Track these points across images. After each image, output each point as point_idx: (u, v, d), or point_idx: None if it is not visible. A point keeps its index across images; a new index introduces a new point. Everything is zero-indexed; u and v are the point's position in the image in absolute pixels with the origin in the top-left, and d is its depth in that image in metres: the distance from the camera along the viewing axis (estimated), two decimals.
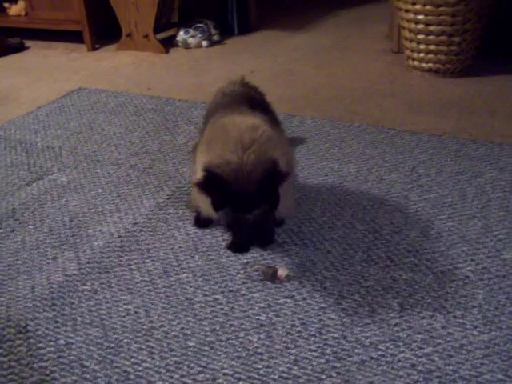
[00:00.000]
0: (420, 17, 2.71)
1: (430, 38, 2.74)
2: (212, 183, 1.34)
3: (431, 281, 1.46)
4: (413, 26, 2.77)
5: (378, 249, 1.60)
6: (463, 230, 1.65)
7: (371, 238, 1.64)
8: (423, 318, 1.35)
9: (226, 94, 1.67)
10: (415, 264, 1.53)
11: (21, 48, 3.82)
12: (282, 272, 1.50)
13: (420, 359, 1.24)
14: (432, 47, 2.76)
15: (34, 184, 2.05)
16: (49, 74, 3.33)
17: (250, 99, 1.62)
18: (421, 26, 2.73)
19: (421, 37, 2.77)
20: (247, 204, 1.37)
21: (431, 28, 2.71)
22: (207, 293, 1.47)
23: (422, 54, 2.81)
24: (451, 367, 1.21)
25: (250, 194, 1.34)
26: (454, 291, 1.42)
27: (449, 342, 1.28)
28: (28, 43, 3.90)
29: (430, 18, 2.68)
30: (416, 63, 2.87)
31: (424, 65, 2.84)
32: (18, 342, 1.36)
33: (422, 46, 2.79)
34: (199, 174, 1.38)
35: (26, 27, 3.90)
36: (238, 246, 1.62)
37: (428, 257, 1.55)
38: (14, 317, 1.43)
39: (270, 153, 1.37)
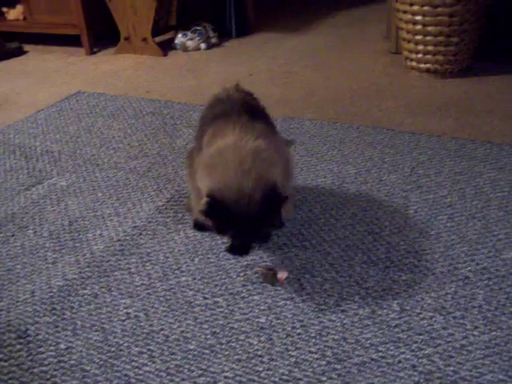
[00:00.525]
0: (418, 17, 2.71)
1: (428, 38, 2.74)
2: (214, 209, 1.34)
3: (431, 281, 1.46)
4: (410, 26, 2.77)
5: (378, 250, 1.60)
6: (463, 231, 1.65)
7: (371, 239, 1.64)
8: (423, 318, 1.35)
9: (221, 101, 1.64)
10: (415, 265, 1.53)
11: (19, 52, 3.82)
12: (281, 274, 1.50)
13: (420, 360, 1.24)
14: (430, 48, 2.76)
15: (34, 188, 2.05)
16: (47, 78, 3.34)
17: (247, 106, 1.61)
18: (418, 27, 2.74)
19: (419, 37, 2.77)
20: (249, 228, 1.37)
21: (429, 29, 2.71)
22: (207, 296, 1.47)
23: (420, 55, 2.82)
24: (452, 368, 1.21)
25: (252, 218, 1.34)
26: (453, 292, 1.42)
27: (449, 342, 1.28)
28: (26, 47, 3.90)
29: (427, 18, 2.69)
30: (414, 64, 2.87)
31: (422, 65, 2.84)
32: (19, 346, 1.36)
33: (420, 47, 2.79)
34: (204, 201, 1.38)
35: (25, 31, 3.91)
36: (237, 249, 1.61)
37: (428, 257, 1.55)
38: (14, 321, 1.43)
39: (270, 176, 1.37)
